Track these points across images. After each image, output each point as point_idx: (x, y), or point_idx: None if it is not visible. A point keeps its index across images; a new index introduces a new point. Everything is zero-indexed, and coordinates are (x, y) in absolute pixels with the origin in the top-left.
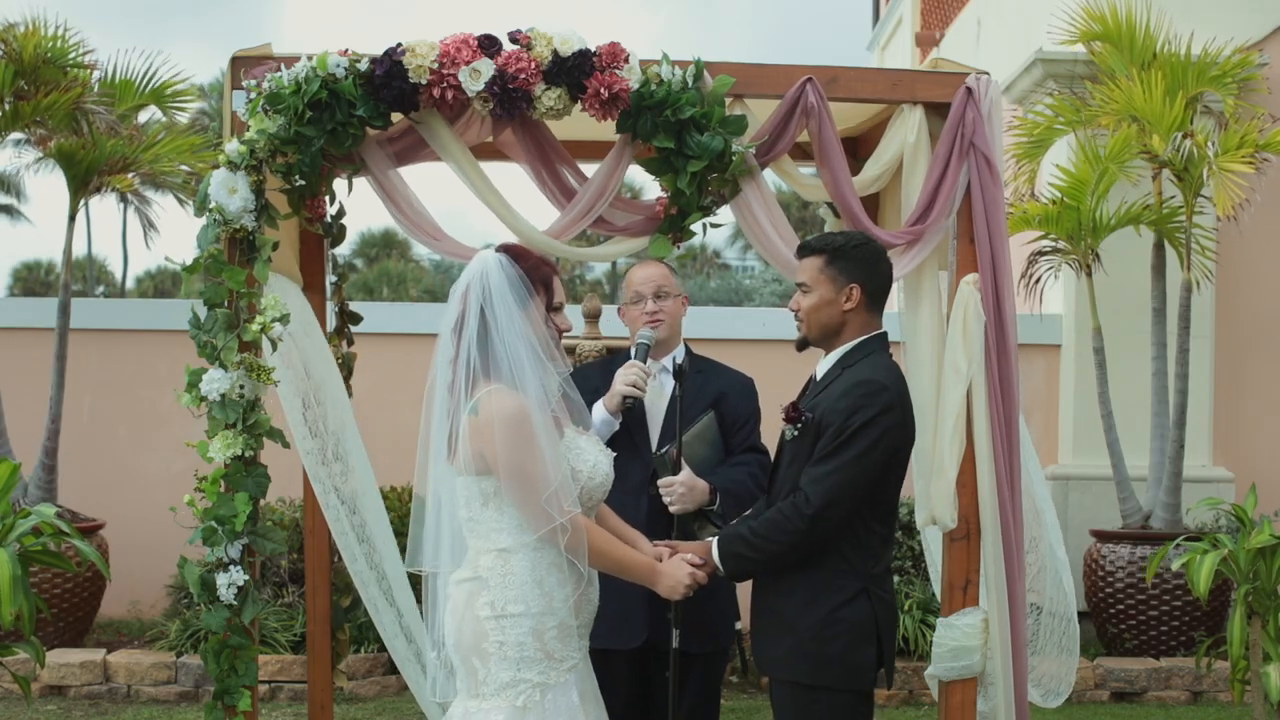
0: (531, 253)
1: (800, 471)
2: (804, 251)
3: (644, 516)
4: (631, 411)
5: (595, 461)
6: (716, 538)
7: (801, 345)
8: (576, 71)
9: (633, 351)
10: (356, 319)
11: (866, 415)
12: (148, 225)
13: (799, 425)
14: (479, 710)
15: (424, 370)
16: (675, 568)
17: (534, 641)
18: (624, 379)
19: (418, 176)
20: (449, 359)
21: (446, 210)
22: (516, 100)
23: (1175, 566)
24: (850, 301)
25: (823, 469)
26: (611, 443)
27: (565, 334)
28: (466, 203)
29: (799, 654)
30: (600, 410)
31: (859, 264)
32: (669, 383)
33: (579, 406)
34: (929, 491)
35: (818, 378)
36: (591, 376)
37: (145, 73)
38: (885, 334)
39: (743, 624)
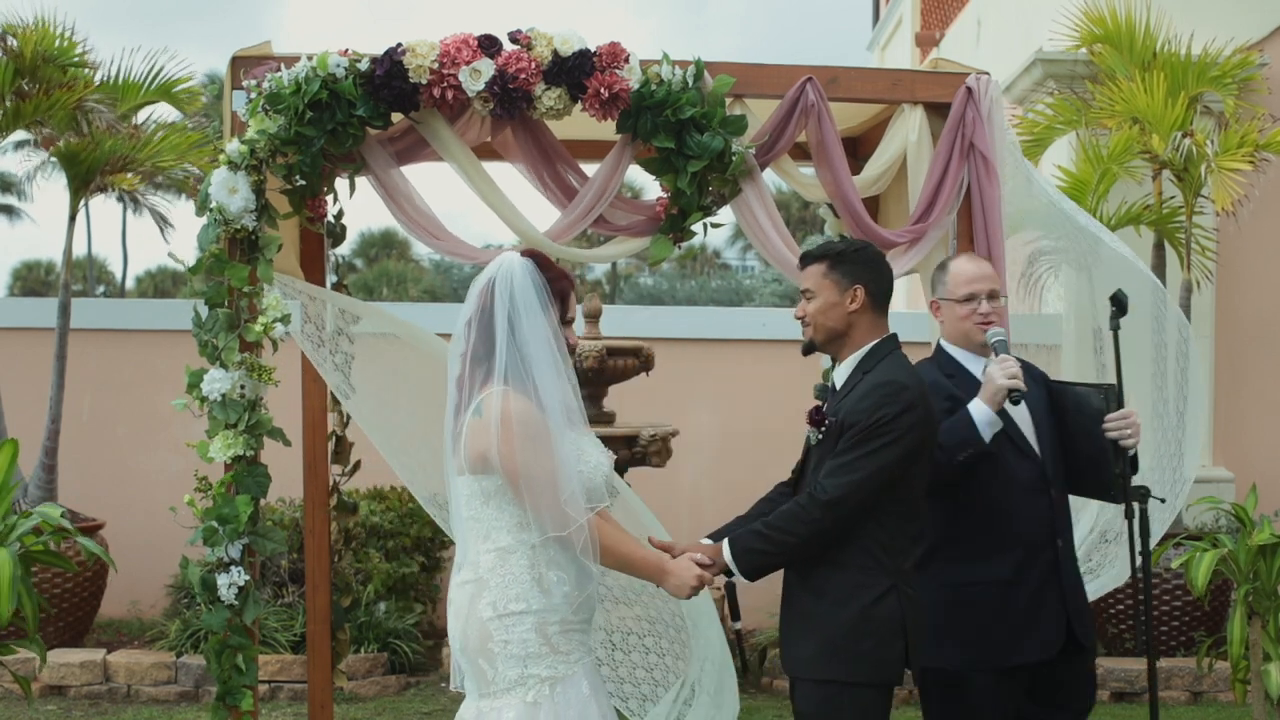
0: (555, 265)
1: None
2: (807, 260)
3: (1045, 514)
4: (1010, 408)
5: (596, 462)
6: (728, 539)
7: (808, 349)
8: (577, 71)
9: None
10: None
11: (889, 413)
12: (163, 222)
13: (823, 429)
14: (491, 709)
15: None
16: (683, 568)
17: (537, 638)
18: (1004, 373)
19: (418, 177)
20: (460, 353)
21: (445, 212)
22: (516, 100)
23: (1175, 565)
24: (855, 303)
25: (840, 461)
26: (995, 445)
27: (572, 350)
28: (465, 204)
29: (829, 652)
30: (982, 410)
31: (862, 266)
32: None
33: (579, 407)
34: None
35: (837, 385)
36: (941, 385)
37: (149, 72)
38: (895, 335)
39: (742, 624)
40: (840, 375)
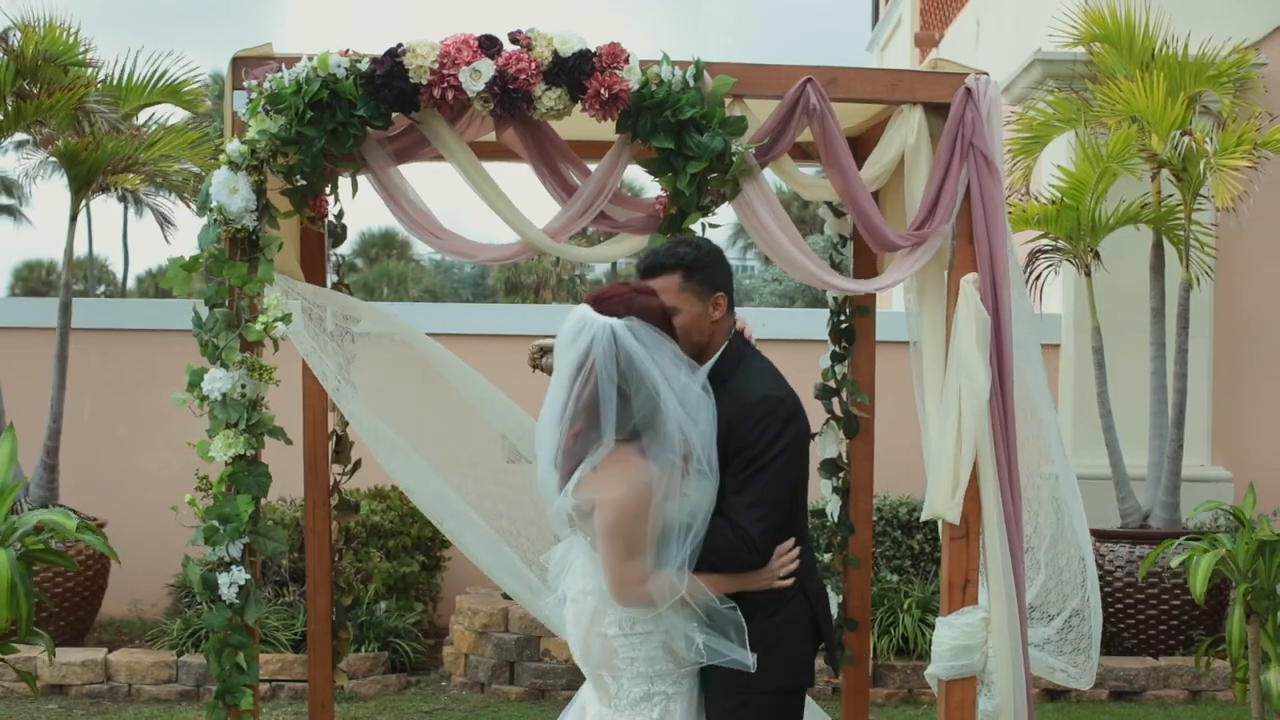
0: (648, 300)
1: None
2: (653, 271)
3: None
4: None
5: (695, 503)
6: None
7: None
8: (577, 72)
9: None
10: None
11: (773, 432)
12: (164, 222)
13: None
14: None
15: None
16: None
17: (664, 655)
18: None
19: (417, 177)
20: (563, 432)
21: (445, 211)
22: (517, 101)
23: (1174, 563)
24: (718, 310)
25: (752, 496)
26: None
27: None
28: (464, 202)
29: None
30: None
31: (717, 271)
32: None
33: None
34: (936, 486)
35: None
36: None
37: (154, 73)
38: (739, 332)
39: None
40: None
